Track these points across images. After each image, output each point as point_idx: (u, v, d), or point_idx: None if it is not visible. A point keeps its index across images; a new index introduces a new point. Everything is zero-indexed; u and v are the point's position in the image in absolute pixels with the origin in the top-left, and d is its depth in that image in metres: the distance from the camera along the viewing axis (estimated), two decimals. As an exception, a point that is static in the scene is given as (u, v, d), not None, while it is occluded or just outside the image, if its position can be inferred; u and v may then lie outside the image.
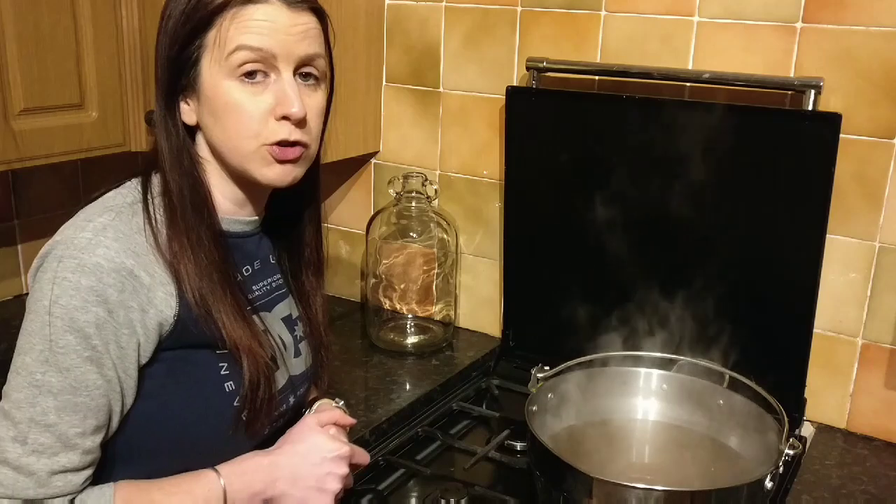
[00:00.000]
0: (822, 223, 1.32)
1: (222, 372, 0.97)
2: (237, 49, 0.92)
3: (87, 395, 0.88)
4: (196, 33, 0.93)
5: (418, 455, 1.35)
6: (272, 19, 0.93)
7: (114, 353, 0.89)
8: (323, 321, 1.15)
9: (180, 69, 0.95)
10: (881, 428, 1.43)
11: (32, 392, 0.87)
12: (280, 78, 0.95)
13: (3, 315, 1.67)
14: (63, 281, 0.87)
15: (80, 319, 0.87)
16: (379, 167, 1.84)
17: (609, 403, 1.31)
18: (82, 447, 0.89)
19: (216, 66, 0.93)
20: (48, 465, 0.88)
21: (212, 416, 0.98)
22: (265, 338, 1.01)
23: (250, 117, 0.94)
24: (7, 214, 1.69)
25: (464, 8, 1.66)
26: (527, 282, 1.65)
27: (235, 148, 0.96)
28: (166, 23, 0.95)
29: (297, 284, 1.13)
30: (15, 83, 1.26)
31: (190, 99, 0.97)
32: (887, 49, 1.30)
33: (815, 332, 1.39)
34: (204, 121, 0.97)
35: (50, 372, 0.87)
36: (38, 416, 0.87)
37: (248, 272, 1.05)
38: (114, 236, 0.90)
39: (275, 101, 0.94)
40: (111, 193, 0.97)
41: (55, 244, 0.90)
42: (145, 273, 0.91)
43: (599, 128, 1.49)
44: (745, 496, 1.02)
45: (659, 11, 1.46)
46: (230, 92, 0.93)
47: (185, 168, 0.97)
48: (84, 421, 0.89)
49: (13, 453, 0.87)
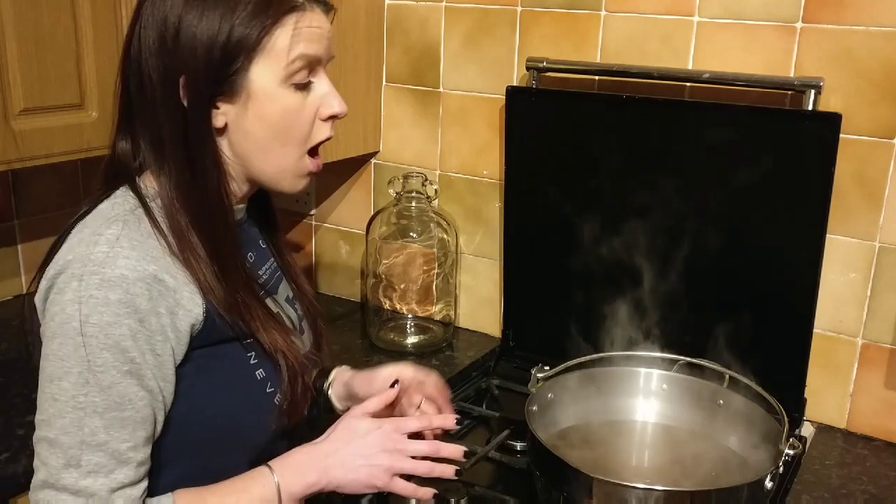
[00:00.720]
0: (822, 223, 1.32)
1: (251, 361, 0.98)
2: (297, 59, 0.93)
3: (132, 409, 0.88)
4: (247, 41, 0.91)
5: (418, 455, 1.35)
6: (319, 25, 0.95)
7: (151, 361, 0.89)
8: (310, 291, 1.17)
9: (222, 75, 0.92)
10: (881, 428, 1.43)
11: (78, 415, 0.87)
12: (320, 80, 0.97)
13: (4, 315, 1.67)
14: (90, 299, 0.86)
15: (114, 334, 0.86)
16: (379, 167, 1.84)
17: (609, 403, 1.31)
18: (136, 460, 0.89)
19: (270, 74, 0.93)
20: (106, 483, 0.87)
21: (249, 405, 0.99)
22: (295, 333, 1.04)
23: (305, 122, 0.96)
24: (7, 214, 1.69)
25: (464, 8, 1.66)
26: (527, 282, 1.65)
27: (279, 156, 0.97)
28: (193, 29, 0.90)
29: (282, 260, 1.14)
30: (15, 83, 1.26)
31: (225, 104, 0.94)
32: (887, 49, 1.30)
33: (815, 332, 1.39)
34: (244, 126, 0.95)
35: (92, 392, 0.87)
36: (88, 437, 0.87)
37: (252, 258, 1.06)
38: (129, 245, 0.88)
39: (319, 103, 0.97)
40: (105, 205, 0.94)
41: (68, 263, 0.88)
42: (169, 276, 0.90)
43: (599, 128, 1.49)
44: (745, 496, 1.02)
45: (659, 11, 1.46)
46: (285, 98, 0.94)
47: (212, 165, 0.95)
48: (134, 434, 0.89)
49: (69, 479, 0.87)
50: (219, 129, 0.95)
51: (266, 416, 1.00)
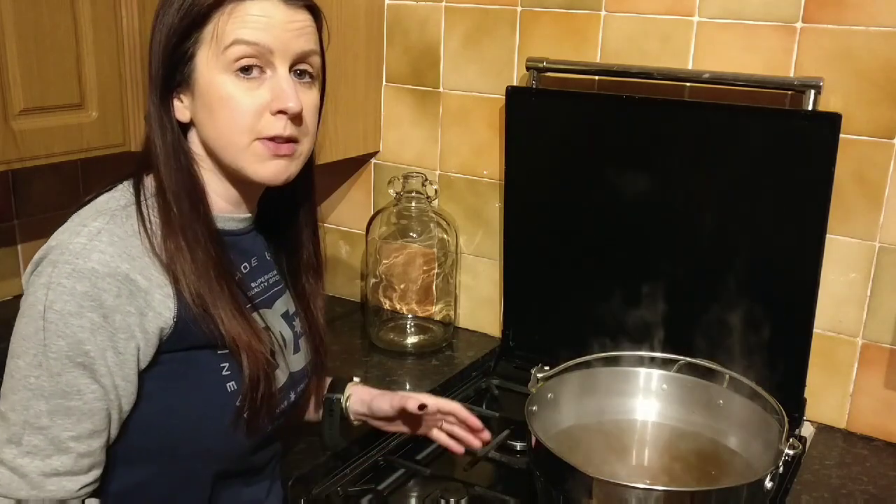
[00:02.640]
0: (822, 223, 1.32)
1: (224, 372, 0.97)
2: (233, 43, 0.92)
3: (79, 400, 0.88)
4: (192, 29, 0.93)
5: (418, 455, 1.35)
6: (269, 15, 0.93)
7: (110, 358, 0.89)
8: (322, 324, 1.16)
9: (175, 65, 0.95)
10: (881, 428, 1.43)
11: (26, 395, 0.88)
12: (276, 74, 0.95)
13: (3, 315, 1.67)
14: (58, 286, 0.87)
15: (73, 324, 0.87)
16: (379, 167, 1.84)
17: (609, 403, 1.31)
18: (76, 451, 0.89)
19: (212, 61, 0.93)
20: (40, 466, 0.88)
21: (213, 416, 0.97)
22: (265, 334, 1.01)
23: (245, 111, 0.94)
24: (7, 214, 1.69)
25: (464, 8, 1.66)
26: (527, 282, 1.65)
27: (229, 144, 0.96)
28: (161, 19, 0.95)
29: (296, 286, 1.13)
30: (15, 83, 1.26)
31: (184, 95, 0.97)
32: (887, 49, 1.30)
33: (815, 332, 1.39)
34: (198, 117, 0.97)
35: (43, 376, 0.87)
36: (32, 418, 0.88)
37: (246, 269, 1.05)
38: (109, 240, 0.89)
39: (271, 97, 0.95)
40: (104, 197, 0.96)
41: (50, 249, 0.90)
42: (142, 276, 0.90)
43: (599, 128, 1.49)
44: (745, 496, 1.02)
45: (659, 11, 1.46)
46: (224, 86, 0.94)
47: (181, 165, 0.97)
48: (77, 425, 0.89)
49: (8, 454, 0.88)
50: (184, 123, 0.98)
51: (232, 429, 0.98)
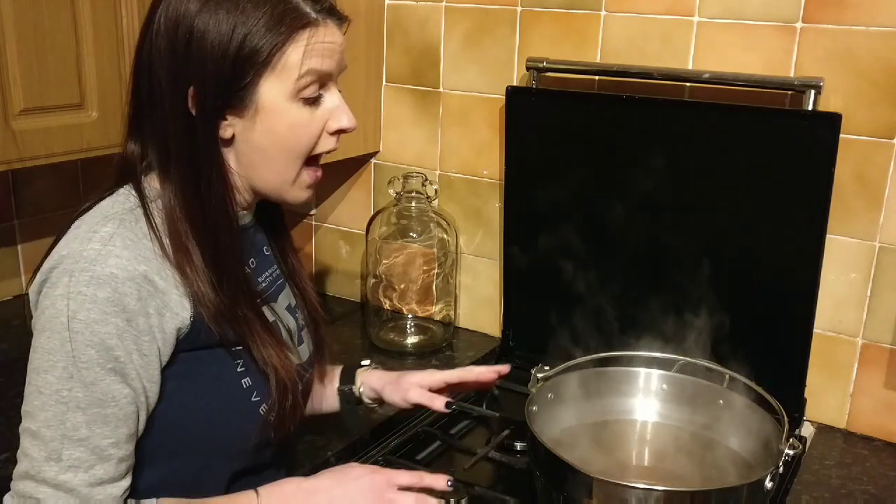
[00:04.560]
0: (822, 223, 1.32)
1: (238, 369, 0.98)
2: (307, 74, 0.93)
3: (115, 406, 0.89)
4: (258, 56, 0.91)
5: (418, 455, 1.35)
6: (332, 40, 0.95)
7: (137, 361, 0.89)
8: (315, 297, 1.17)
9: (231, 88, 0.92)
10: (881, 428, 1.43)
11: (61, 409, 0.87)
12: (330, 93, 0.98)
13: (4, 315, 1.67)
14: (78, 295, 0.86)
15: (100, 332, 0.87)
16: (379, 167, 1.84)
17: (609, 403, 1.31)
18: (117, 456, 0.90)
19: (280, 88, 0.93)
20: (85, 479, 0.88)
21: (232, 412, 0.98)
22: (292, 346, 1.04)
23: (312, 135, 0.97)
24: (7, 214, 1.69)
25: (464, 8, 1.66)
26: (527, 282, 1.65)
27: (283, 170, 0.97)
28: (204, 41, 0.90)
29: (287, 266, 1.14)
30: (15, 83, 1.26)
31: (234, 116, 0.94)
32: (887, 49, 1.30)
33: (815, 332, 1.39)
34: (252, 139, 0.95)
35: (76, 388, 0.87)
36: (70, 431, 0.87)
37: (254, 265, 1.06)
38: (122, 244, 0.89)
39: (328, 116, 0.98)
40: (106, 202, 0.95)
41: (62, 258, 0.89)
42: (159, 277, 0.90)
43: (599, 128, 1.49)
44: (745, 496, 1.02)
45: (659, 11, 1.46)
46: (290, 113, 0.94)
47: (217, 177, 0.95)
48: (116, 431, 0.89)
49: (50, 472, 0.87)
50: (226, 140, 0.96)
51: (248, 425, 0.99)
